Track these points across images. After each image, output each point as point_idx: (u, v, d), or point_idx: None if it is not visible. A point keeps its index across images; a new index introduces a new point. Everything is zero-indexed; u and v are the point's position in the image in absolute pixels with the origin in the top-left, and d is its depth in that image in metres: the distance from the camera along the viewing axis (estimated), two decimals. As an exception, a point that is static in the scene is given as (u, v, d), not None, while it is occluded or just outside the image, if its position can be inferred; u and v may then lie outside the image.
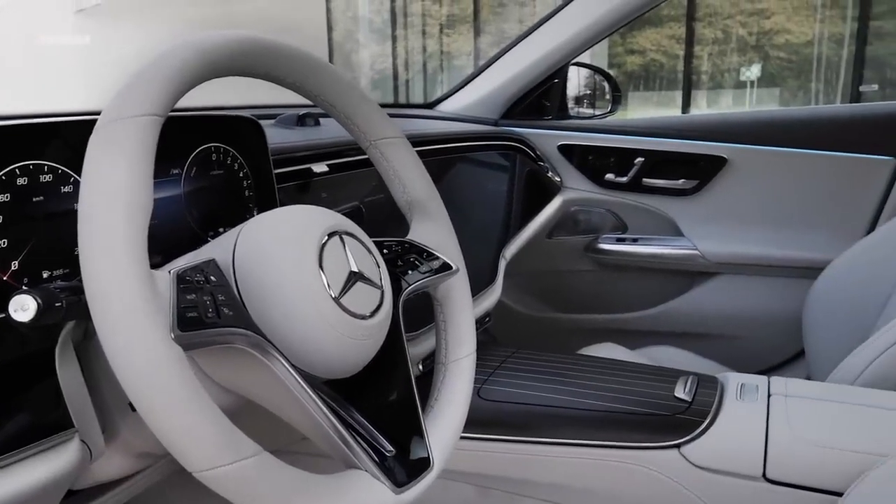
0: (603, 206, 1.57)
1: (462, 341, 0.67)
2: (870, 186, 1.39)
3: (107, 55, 6.44)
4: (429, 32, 8.80)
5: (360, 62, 9.33)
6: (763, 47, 7.52)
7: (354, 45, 9.27)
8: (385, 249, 0.64)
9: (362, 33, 9.21)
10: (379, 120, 0.64)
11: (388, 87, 8.95)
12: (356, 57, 9.31)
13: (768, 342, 1.49)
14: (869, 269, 1.16)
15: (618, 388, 0.90)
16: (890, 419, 0.76)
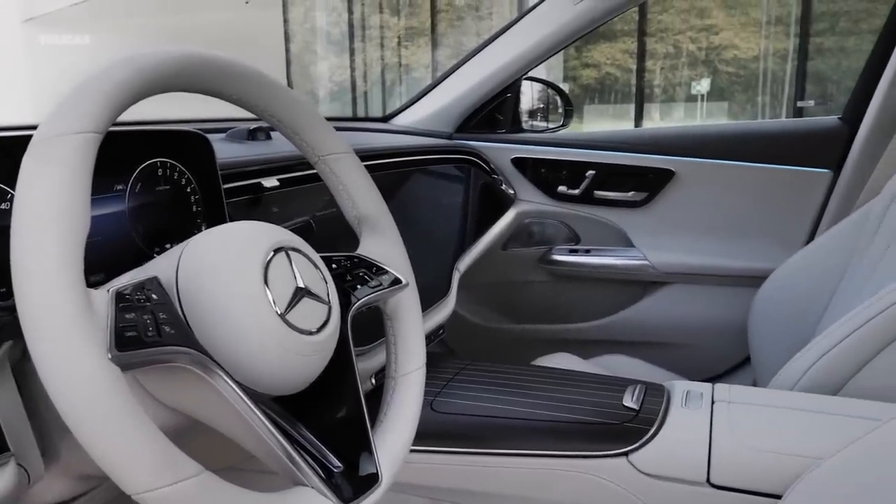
0: (556, 218, 1.60)
1: (412, 355, 0.67)
2: (809, 198, 1.44)
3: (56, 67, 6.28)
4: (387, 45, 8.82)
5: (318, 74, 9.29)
6: (712, 62, 7.75)
7: (313, 56, 9.24)
8: (334, 264, 0.64)
9: (320, 45, 9.18)
10: (326, 135, 0.65)
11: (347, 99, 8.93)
12: (314, 69, 9.28)
13: (716, 350, 1.53)
14: (809, 278, 1.21)
15: (568, 398, 0.91)
16: (825, 423, 0.79)
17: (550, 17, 1.44)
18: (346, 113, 8.98)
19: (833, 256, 1.18)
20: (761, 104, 7.48)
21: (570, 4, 1.41)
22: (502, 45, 1.50)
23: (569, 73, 8.29)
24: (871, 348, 0.86)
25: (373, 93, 8.97)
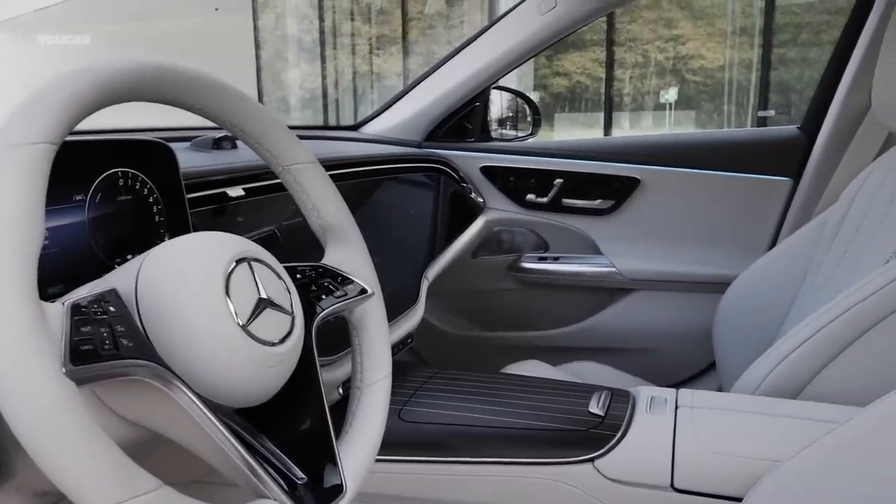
0: (525, 226, 1.61)
1: (377, 365, 0.67)
2: (770, 205, 1.48)
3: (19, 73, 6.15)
4: (359, 52, 8.82)
5: (289, 81, 9.25)
6: (680, 71, 7.89)
7: (284, 63, 9.20)
8: (299, 274, 0.64)
9: (292, 52, 9.15)
10: (291, 144, 0.65)
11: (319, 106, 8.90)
12: (286, 76, 9.24)
13: (682, 355, 1.55)
14: (770, 284, 1.23)
15: (535, 406, 0.92)
16: (784, 426, 0.81)
17: (518, 27, 1.45)
18: (318, 120, 8.94)
19: (793, 263, 1.21)
20: (727, 113, 7.63)
21: (537, 15, 1.43)
22: (470, 55, 1.51)
23: (540, 81, 8.37)
24: (828, 353, 0.88)
25: (345, 100, 8.96)
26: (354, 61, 8.85)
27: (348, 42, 8.82)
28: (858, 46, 1.35)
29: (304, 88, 9.17)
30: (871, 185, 1.09)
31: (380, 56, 8.72)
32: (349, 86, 8.93)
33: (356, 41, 8.81)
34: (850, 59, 1.37)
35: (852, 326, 0.87)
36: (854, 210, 1.10)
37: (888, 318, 0.86)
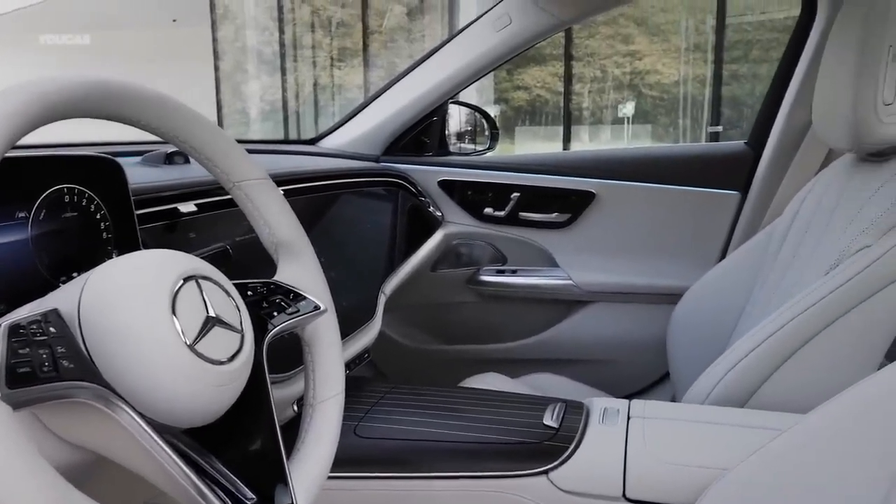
0: (483, 240, 1.63)
1: (330, 381, 0.67)
2: (720, 218, 1.52)
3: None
4: (320, 64, 8.80)
5: (249, 93, 9.17)
6: (637, 86, 8.07)
7: (244, 75, 9.11)
8: (250, 291, 0.63)
9: (252, 64, 9.07)
10: (242, 161, 0.64)
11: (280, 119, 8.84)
12: (246, 88, 9.15)
13: (638, 366, 1.58)
14: (721, 295, 1.27)
15: (491, 419, 0.92)
16: (732, 434, 0.83)
17: (473, 43, 1.47)
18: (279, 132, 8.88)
19: (742, 274, 1.24)
20: (682, 127, 7.82)
21: (492, 31, 1.45)
22: (428, 70, 1.53)
23: (501, 94, 8.47)
24: (772, 362, 0.91)
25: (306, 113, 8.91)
26: (316, 73, 8.82)
27: (309, 54, 8.79)
28: (799, 66, 1.41)
29: (264, 100, 9.10)
30: (813, 199, 1.13)
31: (341, 69, 8.72)
32: (310, 98, 8.90)
33: (318, 53, 8.79)
34: (791, 78, 1.42)
35: (795, 337, 0.90)
36: (797, 223, 1.14)
37: (828, 328, 0.90)
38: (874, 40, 0.90)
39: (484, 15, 1.48)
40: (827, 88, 0.99)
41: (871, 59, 0.90)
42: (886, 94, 0.91)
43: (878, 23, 0.90)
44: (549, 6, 1.40)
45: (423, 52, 1.56)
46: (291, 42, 8.69)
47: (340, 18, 8.55)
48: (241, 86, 9.14)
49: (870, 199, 0.93)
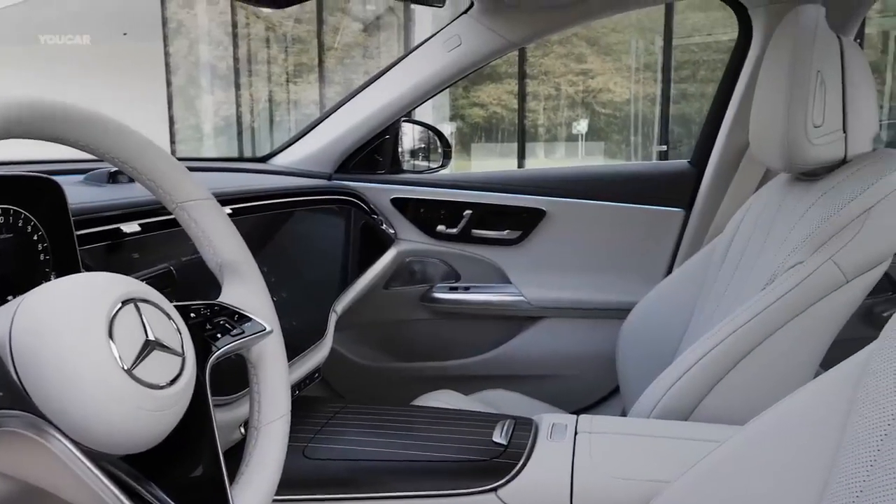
0: (436, 257, 1.63)
1: (275, 403, 0.66)
2: (666, 234, 1.56)
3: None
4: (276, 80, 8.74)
5: (203, 108, 9.04)
6: (590, 104, 8.25)
7: (198, 90, 8.99)
8: (193, 313, 0.63)
9: (206, 79, 8.95)
10: (184, 181, 0.64)
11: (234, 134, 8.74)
12: (200, 103, 9.02)
13: (590, 380, 1.60)
14: (667, 309, 1.30)
15: (442, 437, 0.92)
16: (674, 447, 0.85)
17: (425, 62, 1.49)
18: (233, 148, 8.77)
19: (687, 289, 1.28)
20: (634, 144, 8.01)
21: (443, 51, 1.47)
22: (379, 89, 1.54)
23: (457, 111, 8.54)
24: (713, 376, 0.94)
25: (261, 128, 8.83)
26: (271, 89, 8.76)
27: (265, 70, 8.73)
28: (737, 89, 1.46)
29: (219, 116, 8.98)
30: (752, 217, 1.17)
31: (298, 84, 8.68)
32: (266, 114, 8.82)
33: (273, 69, 8.74)
34: (730, 101, 1.48)
35: (734, 350, 0.94)
36: (737, 239, 1.18)
37: (765, 341, 0.93)
38: (803, 66, 0.95)
39: (435, 35, 1.51)
40: (761, 111, 1.03)
41: (801, 84, 0.95)
42: (816, 116, 0.96)
43: (806, 49, 0.95)
44: (498, 28, 1.42)
45: (380, 69, 1.57)
46: (246, 57, 8.62)
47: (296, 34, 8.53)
48: (195, 101, 9.02)
49: (802, 218, 0.97)
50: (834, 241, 0.92)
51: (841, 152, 0.98)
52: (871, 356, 0.56)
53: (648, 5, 1.44)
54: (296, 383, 1.05)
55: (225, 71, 8.72)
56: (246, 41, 8.61)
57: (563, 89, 8.29)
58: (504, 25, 1.42)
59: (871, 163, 0.96)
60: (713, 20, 6.85)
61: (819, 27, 0.96)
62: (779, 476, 0.66)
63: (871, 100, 1.00)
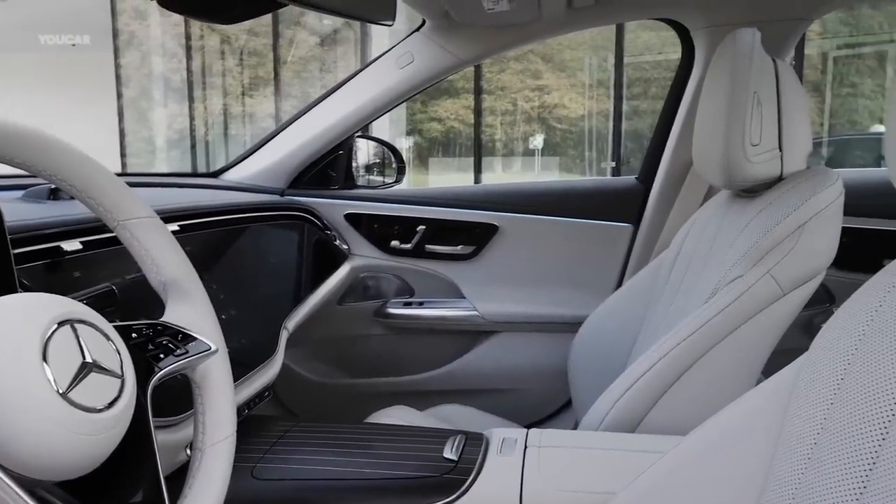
0: (390, 272, 1.64)
1: (221, 423, 0.65)
2: (615, 249, 1.60)
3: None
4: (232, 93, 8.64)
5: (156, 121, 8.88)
6: (546, 120, 8.38)
7: (150, 103, 8.82)
8: (134, 333, 0.62)
9: (159, 91, 8.80)
10: (126, 199, 0.63)
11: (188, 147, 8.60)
12: (153, 116, 8.86)
13: (543, 394, 1.62)
14: (617, 323, 1.33)
15: (393, 454, 0.92)
16: (621, 459, 0.86)
17: (378, 79, 1.50)
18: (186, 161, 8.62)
19: (635, 302, 1.31)
20: (588, 159, 8.16)
21: (396, 68, 1.48)
22: (332, 105, 1.54)
23: (415, 126, 8.58)
24: (659, 388, 0.96)
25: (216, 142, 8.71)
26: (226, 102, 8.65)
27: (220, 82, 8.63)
28: (681, 108, 1.51)
29: (172, 129, 8.83)
30: (696, 232, 1.21)
31: (254, 97, 8.59)
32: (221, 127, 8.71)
33: (229, 82, 8.64)
34: (675, 118, 1.52)
35: (678, 363, 0.96)
36: (683, 254, 1.22)
37: (708, 354, 0.96)
38: (741, 87, 0.99)
39: (388, 52, 1.52)
40: (703, 130, 1.07)
41: (739, 105, 0.99)
42: (753, 136, 0.99)
43: (743, 71, 0.99)
44: (449, 46, 1.44)
45: (337, 83, 1.57)
46: (201, 70, 8.51)
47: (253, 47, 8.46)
48: (148, 113, 8.85)
49: (741, 233, 1.01)
50: (771, 256, 0.95)
51: (777, 170, 1.02)
52: (802, 368, 0.59)
53: (595, 26, 1.48)
54: (245, 402, 1.03)
55: (179, 83, 8.59)
56: (201, 53, 8.51)
57: (520, 105, 8.41)
58: (455, 43, 1.44)
59: (805, 180, 1.00)
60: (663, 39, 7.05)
61: (755, 50, 1.00)
62: (717, 484, 0.68)
63: (805, 120, 1.05)
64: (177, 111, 8.71)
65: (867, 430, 0.46)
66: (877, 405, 0.46)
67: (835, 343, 0.55)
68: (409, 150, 8.53)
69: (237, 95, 8.63)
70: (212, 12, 0.94)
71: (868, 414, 0.47)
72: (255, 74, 8.57)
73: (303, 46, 8.37)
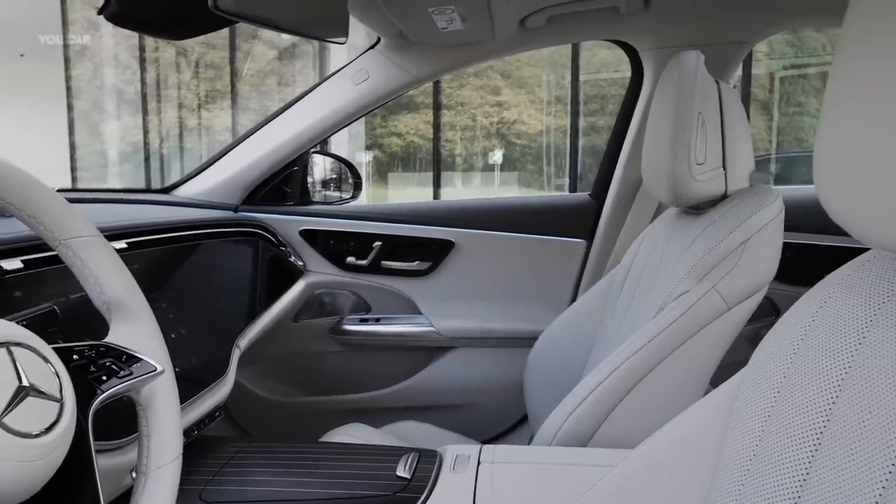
0: (346, 289, 1.63)
1: (166, 446, 0.64)
2: (570, 264, 1.62)
3: None
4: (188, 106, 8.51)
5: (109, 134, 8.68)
6: (505, 135, 8.46)
7: (102, 115, 8.62)
8: (76, 355, 0.60)
9: (112, 103, 8.61)
10: (68, 217, 0.62)
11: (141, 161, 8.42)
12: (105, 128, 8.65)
13: (500, 409, 1.62)
14: (571, 337, 1.34)
15: (346, 473, 0.91)
16: (573, 474, 0.87)
17: (333, 95, 1.50)
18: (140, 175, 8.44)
19: (589, 317, 1.33)
20: (547, 174, 8.25)
21: (351, 85, 1.48)
22: (288, 120, 1.53)
23: (375, 140, 8.56)
24: (610, 402, 0.97)
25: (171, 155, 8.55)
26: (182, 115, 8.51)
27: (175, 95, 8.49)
28: (631, 127, 1.55)
29: (126, 142, 8.63)
30: (646, 247, 1.24)
31: (210, 111, 8.48)
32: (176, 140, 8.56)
33: (185, 95, 8.51)
34: (626, 137, 1.56)
35: (628, 377, 0.98)
36: (634, 269, 1.24)
37: (657, 367, 0.98)
38: (686, 108, 1.02)
39: (343, 68, 1.52)
40: (651, 148, 1.10)
41: (684, 125, 1.01)
42: (698, 155, 1.02)
43: (688, 92, 1.02)
44: (404, 63, 1.45)
45: (296, 96, 1.56)
46: (156, 82, 8.36)
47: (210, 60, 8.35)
48: (100, 126, 8.64)
49: (688, 249, 1.03)
50: (716, 272, 0.98)
51: (721, 188, 1.05)
52: (742, 381, 0.60)
53: (547, 46, 1.51)
54: (195, 422, 1.01)
55: (133, 95, 8.42)
56: (156, 65, 8.36)
57: (479, 120, 8.47)
58: (410, 61, 1.45)
59: (747, 198, 1.03)
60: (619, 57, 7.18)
61: (699, 72, 1.03)
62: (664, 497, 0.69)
63: (747, 140, 1.08)
64: (131, 124, 8.52)
65: (800, 442, 0.48)
66: (809, 418, 0.48)
67: (772, 357, 0.57)
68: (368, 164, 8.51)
69: (193, 108, 8.51)
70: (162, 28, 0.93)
71: (801, 426, 0.48)
72: (212, 87, 8.46)
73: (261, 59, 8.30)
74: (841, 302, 0.49)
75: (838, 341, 0.47)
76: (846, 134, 0.41)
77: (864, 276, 0.48)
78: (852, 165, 0.41)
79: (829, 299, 0.51)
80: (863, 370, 0.44)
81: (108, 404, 0.59)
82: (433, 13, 1.20)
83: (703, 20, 1.38)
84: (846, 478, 0.43)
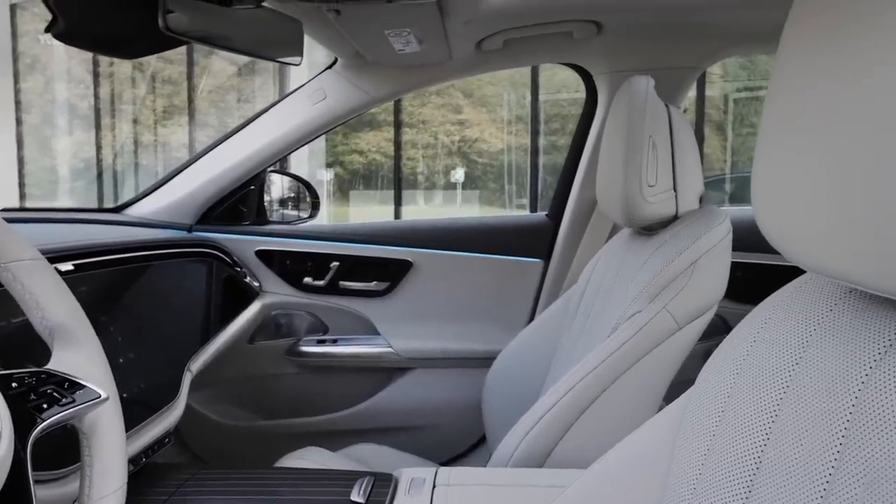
0: (303, 309, 1.61)
1: (109, 476, 0.62)
2: (527, 284, 1.63)
3: None
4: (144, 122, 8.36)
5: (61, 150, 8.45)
6: (466, 154, 8.52)
7: (54, 130, 8.40)
8: (14, 383, 0.58)
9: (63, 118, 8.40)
10: (8, 240, 0.60)
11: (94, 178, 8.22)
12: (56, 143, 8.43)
13: (459, 430, 1.62)
14: (529, 357, 1.35)
15: (301, 500, 0.90)
16: (528, 495, 0.87)
17: (291, 114, 1.49)
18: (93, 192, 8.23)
19: (546, 337, 1.34)
20: (508, 193, 8.33)
21: (308, 104, 1.48)
22: (244, 139, 1.51)
23: (336, 157, 8.53)
24: (565, 422, 0.98)
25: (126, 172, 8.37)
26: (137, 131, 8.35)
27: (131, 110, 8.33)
28: (586, 149, 1.57)
29: (78, 158, 8.42)
30: (601, 267, 1.25)
31: (167, 127, 8.34)
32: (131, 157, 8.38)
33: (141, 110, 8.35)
34: (581, 158, 1.58)
35: (582, 397, 0.99)
36: (589, 289, 1.26)
37: (611, 387, 0.99)
38: (637, 130, 1.04)
39: (301, 87, 1.52)
40: (604, 170, 1.12)
41: (636, 147, 1.04)
42: (649, 177, 1.05)
43: (639, 116, 1.05)
44: (361, 84, 1.46)
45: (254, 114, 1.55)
46: (110, 97, 8.20)
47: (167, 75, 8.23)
48: (51, 141, 8.42)
49: (640, 270, 1.05)
50: (667, 292, 1.00)
51: (672, 209, 1.08)
52: (689, 400, 0.61)
53: (504, 68, 1.53)
54: (143, 449, 0.99)
55: (86, 110, 8.24)
56: (110, 80, 8.20)
57: (441, 139, 8.52)
58: (368, 81, 1.45)
59: (697, 219, 1.06)
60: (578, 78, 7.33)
61: (649, 96, 1.06)
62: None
63: (696, 163, 1.11)
64: (84, 140, 8.32)
65: (743, 460, 0.49)
66: (750, 437, 0.49)
67: (717, 376, 0.58)
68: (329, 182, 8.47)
69: (149, 124, 8.36)
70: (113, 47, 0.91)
71: (743, 445, 0.49)
72: (169, 103, 8.33)
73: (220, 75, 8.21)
74: (780, 322, 0.50)
75: (777, 361, 0.48)
76: (781, 161, 0.42)
77: (801, 298, 0.50)
78: (787, 192, 0.42)
79: (769, 320, 0.52)
80: (798, 391, 0.45)
81: (51, 433, 0.57)
82: (389, 35, 1.21)
83: (654, 45, 1.42)
84: (784, 496, 0.44)
